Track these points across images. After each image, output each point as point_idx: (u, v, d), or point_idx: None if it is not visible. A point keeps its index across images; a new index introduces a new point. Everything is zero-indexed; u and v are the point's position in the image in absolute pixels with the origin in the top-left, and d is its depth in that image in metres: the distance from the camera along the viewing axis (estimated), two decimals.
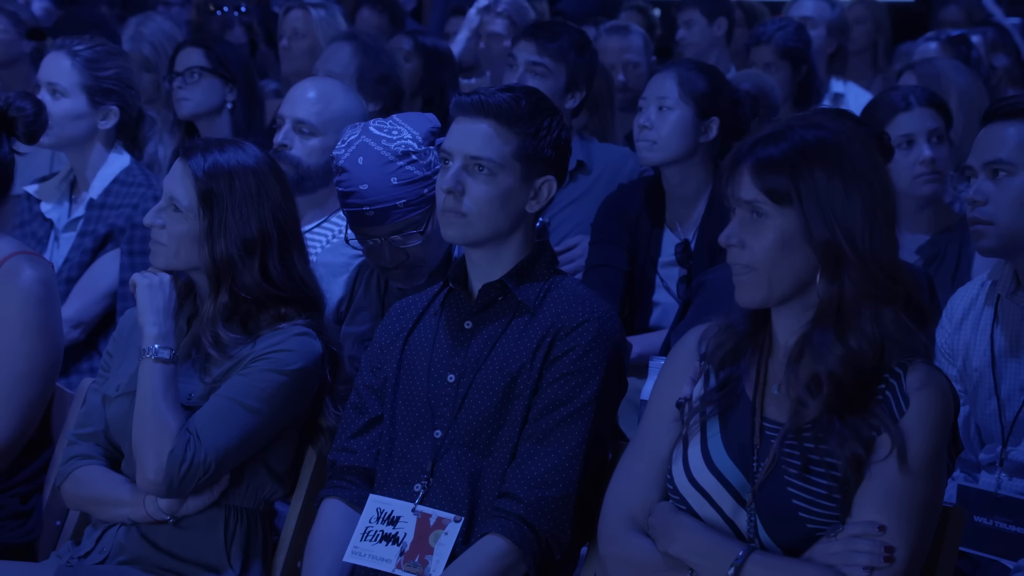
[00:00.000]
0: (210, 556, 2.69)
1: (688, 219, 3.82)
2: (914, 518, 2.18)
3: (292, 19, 5.37)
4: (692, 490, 2.28)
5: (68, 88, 3.75)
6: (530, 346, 2.58)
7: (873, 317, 2.20)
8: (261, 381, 2.65)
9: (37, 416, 2.91)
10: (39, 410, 2.91)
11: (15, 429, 2.85)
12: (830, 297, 2.21)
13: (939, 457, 2.21)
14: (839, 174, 2.20)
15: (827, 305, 2.21)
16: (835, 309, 2.21)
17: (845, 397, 2.20)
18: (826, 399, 2.20)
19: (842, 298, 2.20)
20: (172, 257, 2.73)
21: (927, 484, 2.19)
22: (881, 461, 2.18)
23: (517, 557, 2.51)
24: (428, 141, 3.03)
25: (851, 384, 2.20)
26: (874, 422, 2.19)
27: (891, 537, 2.16)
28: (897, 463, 2.17)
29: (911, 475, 2.17)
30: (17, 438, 2.86)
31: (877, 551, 2.15)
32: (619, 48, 5.19)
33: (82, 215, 3.78)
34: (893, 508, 2.17)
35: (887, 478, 2.17)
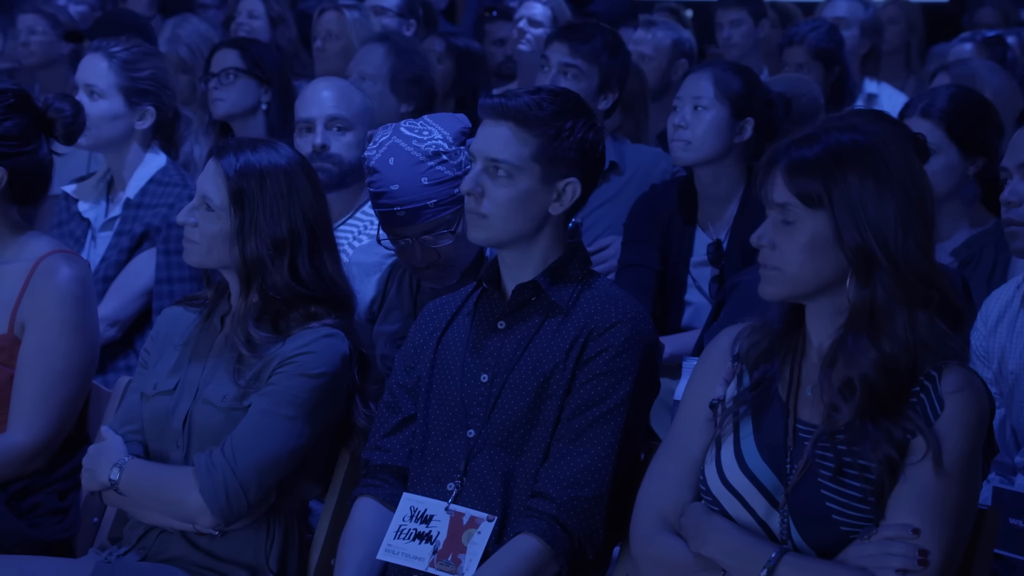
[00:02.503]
0: (249, 557, 2.70)
1: (720, 219, 3.82)
2: (948, 521, 2.17)
3: (326, 20, 5.39)
4: (725, 491, 2.28)
5: (105, 89, 3.78)
6: (563, 346, 2.59)
7: (907, 322, 2.19)
8: (291, 387, 2.66)
9: (74, 414, 2.93)
10: (76, 408, 2.94)
11: (53, 426, 2.88)
12: (862, 301, 2.20)
13: (974, 460, 2.20)
14: (873, 177, 2.20)
15: (859, 309, 2.20)
16: (868, 313, 2.20)
17: (878, 401, 2.20)
18: (859, 404, 2.19)
19: (874, 302, 2.19)
20: (204, 255, 2.75)
21: (961, 487, 2.18)
22: (915, 464, 2.17)
23: (549, 556, 2.52)
24: (459, 141, 3.04)
25: (884, 388, 2.20)
26: (908, 425, 2.18)
27: (925, 540, 2.16)
28: (932, 466, 2.16)
29: (945, 478, 2.17)
30: (55, 435, 2.89)
31: (911, 554, 2.15)
32: (636, 39, 5.21)
33: (119, 215, 3.81)
34: (927, 511, 2.16)
35: (921, 481, 2.17)
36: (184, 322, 2.83)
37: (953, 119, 3.46)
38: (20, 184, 2.91)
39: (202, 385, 2.74)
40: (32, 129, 2.91)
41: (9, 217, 2.94)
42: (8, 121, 2.88)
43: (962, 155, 3.48)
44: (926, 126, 3.37)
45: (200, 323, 2.81)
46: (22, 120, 2.90)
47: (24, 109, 2.91)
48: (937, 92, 3.58)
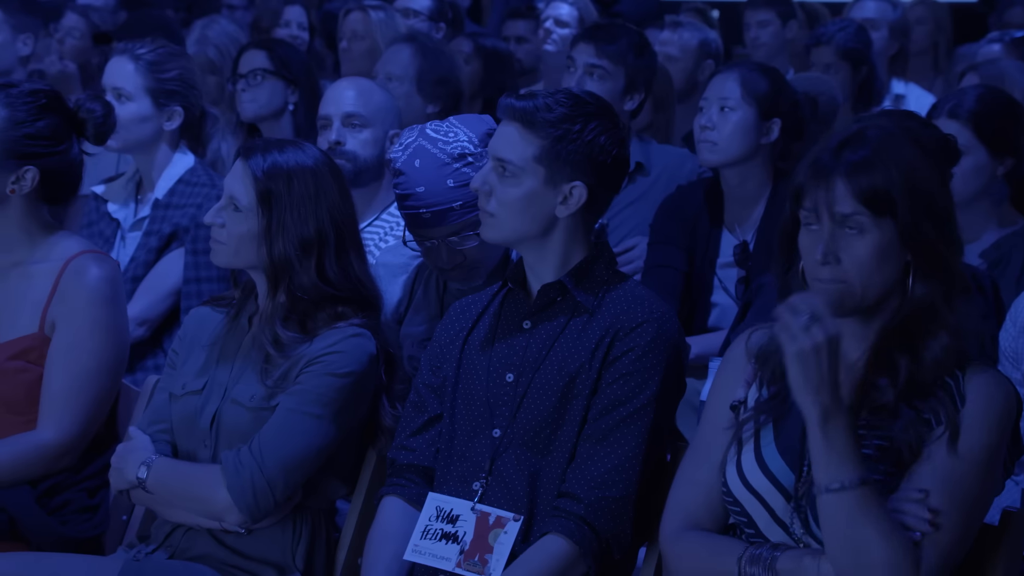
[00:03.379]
0: (276, 556, 2.71)
1: (747, 220, 3.81)
2: (961, 505, 2.16)
3: (352, 21, 5.41)
4: (745, 492, 2.28)
5: (133, 92, 3.80)
6: (589, 346, 2.59)
7: (957, 308, 2.20)
8: (318, 387, 2.67)
9: (103, 412, 2.95)
10: (105, 406, 2.95)
11: (82, 424, 2.89)
12: (923, 297, 2.19)
13: (995, 454, 2.20)
14: (926, 170, 2.19)
15: (921, 306, 2.19)
16: (929, 309, 2.20)
17: (919, 387, 2.20)
18: (902, 386, 2.20)
19: (935, 297, 2.19)
20: (232, 256, 2.77)
21: (979, 476, 2.18)
22: (935, 441, 2.17)
23: (577, 557, 2.52)
24: (484, 143, 3.04)
25: (930, 375, 2.20)
26: (934, 404, 2.19)
27: (941, 519, 2.15)
28: (947, 445, 2.16)
29: (963, 462, 2.17)
30: (83, 433, 2.91)
31: (921, 515, 2.14)
32: (663, 40, 5.21)
33: (147, 215, 3.82)
34: (941, 487, 2.16)
35: (939, 460, 2.17)
36: (212, 322, 2.85)
37: (981, 119, 3.44)
38: (51, 184, 2.93)
39: (230, 385, 2.75)
40: (63, 129, 2.93)
41: (40, 217, 2.96)
42: (40, 121, 2.90)
43: (991, 156, 3.46)
44: (954, 127, 3.36)
45: (228, 323, 2.82)
46: (53, 120, 2.92)
47: (55, 109, 2.93)
48: (965, 92, 3.56)
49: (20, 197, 2.90)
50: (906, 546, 2.13)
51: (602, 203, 2.67)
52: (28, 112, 2.88)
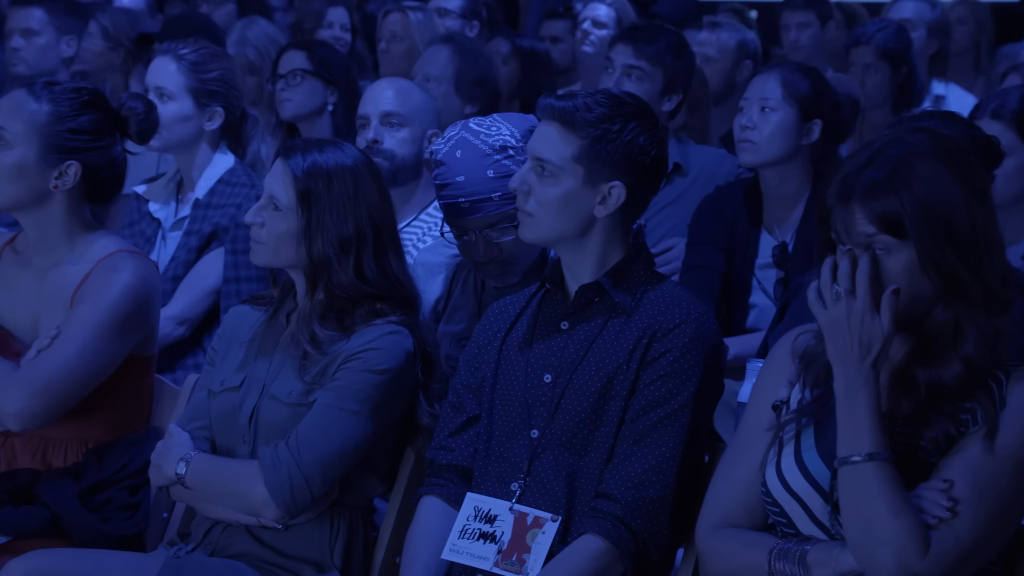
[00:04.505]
0: (315, 553, 2.73)
1: (786, 221, 3.80)
2: (988, 500, 2.15)
3: (391, 22, 5.43)
4: (785, 494, 2.28)
5: (174, 91, 3.83)
6: (627, 347, 2.59)
7: (988, 327, 2.18)
8: (356, 383, 2.69)
9: (67, 404, 2.83)
10: (71, 401, 2.84)
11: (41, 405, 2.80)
12: (945, 322, 2.18)
13: None
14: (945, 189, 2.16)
15: (943, 330, 2.19)
16: (951, 330, 2.18)
17: (949, 396, 2.20)
18: (922, 400, 2.19)
19: (959, 320, 2.18)
20: (271, 255, 2.78)
21: (1012, 476, 2.16)
22: (969, 436, 2.16)
23: (614, 557, 2.52)
24: (526, 139, 3.04)
25: (959, 388, 2.19)
26: (972, 406, 2.18)
27: (961, 508, 2.13)
28: (983, 442, 2.15)
29: (997, 459, 2.15)
30: (41, 412, 2.79)
31: (941, 501, 2.13)
32: (701, 41, 5.19)
33: (188, 215, 3.84)
34: (967, 479, 2.14)
35: (970, 455, 2.16)
36: (250, 320, 2.86)
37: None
38: (93, 181, 2.95)
39: (268, 381, 2.77)
40: (106, 126, 2.95)
41: (81, 216, 2.98)
42: (83, 116, 2.92)
43: None
44: (997, 128, 3.33)
45: (266, 321, 2.84)
46: (96, 116, 2.94)
47: (98, 106, 2.95)
48: (1008, 93, 3.54)
49: (63, 193, 2.92)
50: (915, 527, 2.11)
51: (641, 203, 2.67)
52: (71, 107, 2.91)
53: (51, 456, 2.91)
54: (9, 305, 2.96)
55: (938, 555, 2.12)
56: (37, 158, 2.89)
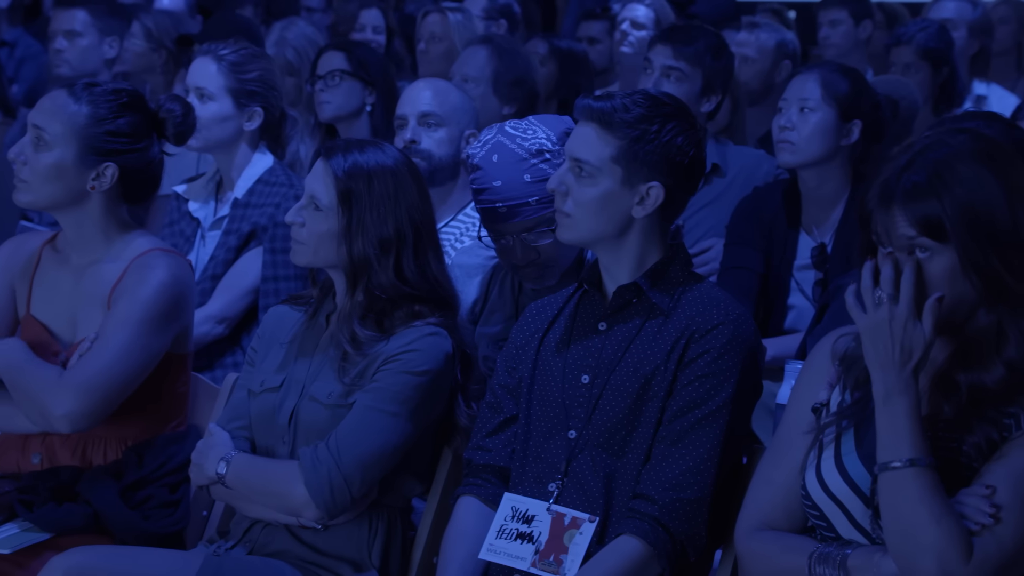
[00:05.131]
0: (353, 552, 2.74)
1: (825, 222, 3.78)
2: None
3: (430, 23, 5.44)
4: (824, 497, 2.27)
5: (214, 92, 3.85)
6: (664, 348, 2.58)
7: None
8: (395, 384, 2.70)
9: (113, 403, 2.86)
10: (117, 399, 2.87)
11: (89, 406, 2.82)
12: (988, 326, 2.17)
13: None
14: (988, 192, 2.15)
15: (986, 334, 2.17)
16: (994, 333, 2.17)
17: (991, 400, 2.18)
18: (963, 405, 2.18)
19: (1001, 323, 2.16)
20: (311, 255, 2.80)
21: None
22: (1012, 440, 2.15)
23: (651, 558, 2.52)
24: (562, 141, 3.05)
25: (1002, 392, 2.18)
26: (1013, 410, 2.16)
27: (1004, 514, 2.11)
28: None
29: None
30: (89, 413, 2.82)
31: (982, 507, 2.12)
32: (740, 41, 5.18)
33: (227, 214, 3.87)
34: (1011, 485, 2.13)
35: (1014, 458, 2.14)
36: (290, 320, 2.88)
37: None
38: (130, 182, 2.97)
39: (308, 382, 2.78)
40: (144, 128, 2.97)
41: (118, 216, 3.00)
42: (121, 119, 2.94)
43: None
44: None
45: (306, 321, 2.85)
46: (134, 118, 2.96)
47: (136, 108, 2.97)
48: None
49: (100, 194, 2.94)
50: (957, 533, 2.10)
51: (679, 204, 2.66)
52: (110, 110, 2.93)
53: (91, 453, 2.94)
54: (47, 303, 2.99)
55: (980, 561, 2.10)
56: (75, 159, 2.91)
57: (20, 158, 2.92)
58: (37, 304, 3.00)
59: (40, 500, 2.85)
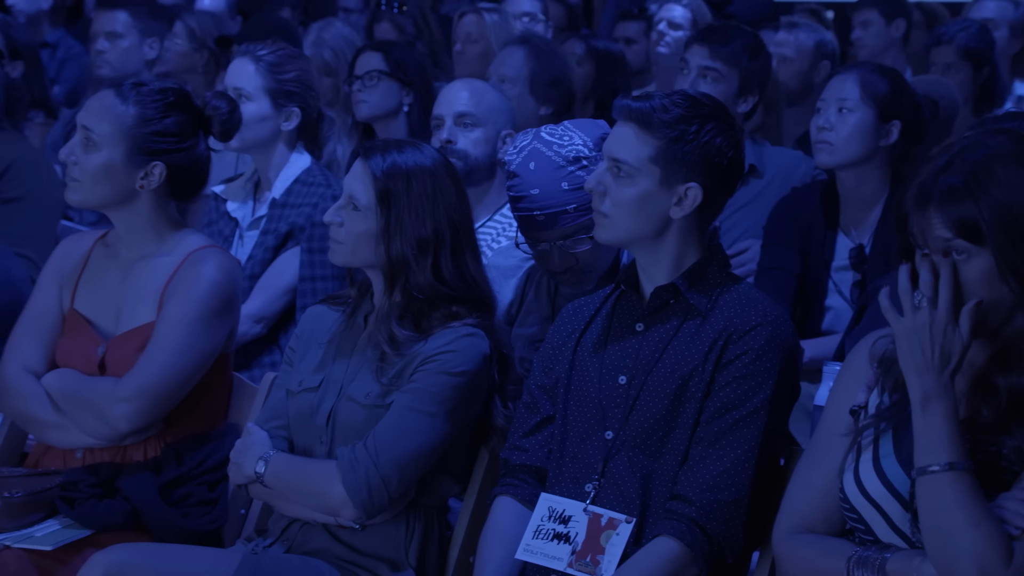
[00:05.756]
0: (390, 552, 2.75)
1: (863, 223, 3.77)
2: None
3: (466, 24, 5.45)
4: (863, 500, 2.26)
5: (252, 92, 3.88)
6: (702, 349, 2.58)
7: None
8: (433, 385, 2.70)
9: (172, 401, 2.91)
10: (174, 397, 2.91)
11: (148, 406, 2.87)
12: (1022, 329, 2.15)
13: None
14: None
15: (1020, 335, 2.16)
16: None
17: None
18: (1003, 409, 2.16)
19: None
20: (349, 255, 2.81)
21: None
22: None
23: (689, 559, 2.52)
24: (599, 147, 3.04)
25: None
26: None
27: None
28: None
29: None
30: (147, 412, 2.87)
31: (1022, 512, 2.10)
32: (778, 41, 5.16)
33: (265, 214, 3.89)
34: None
35: None
36: (328, 320, 2.89)
37: None
38: (179, 180, 3.00)
39: (346, 382, 2.79)
40: (190, 126, 3.00)
41: (168, 212, 3.03)
42: (168, 118, 2.97)
43: None
44: None
45: (344, 321, 2.86)
46: (181, 117, 2.98)
47: (183, 107, 3.00)
48: None
49: (149, 192, 2.97)
50: (996, 537, 2.09)
51: (717, 205, 2.66)
52: (157, 110, 2.95)
53: (131, 450, 2.96)
54: (93, 297, 3.02)
55: (1021, 565, 2.09)
56: (124, 160, 2.94)
57: (71, 159, 2.96)
58: (81, 299, 3.03)
59: (81, 497, 2.87)
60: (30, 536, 2.82)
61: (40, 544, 2.80)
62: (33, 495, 2.86)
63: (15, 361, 2.99)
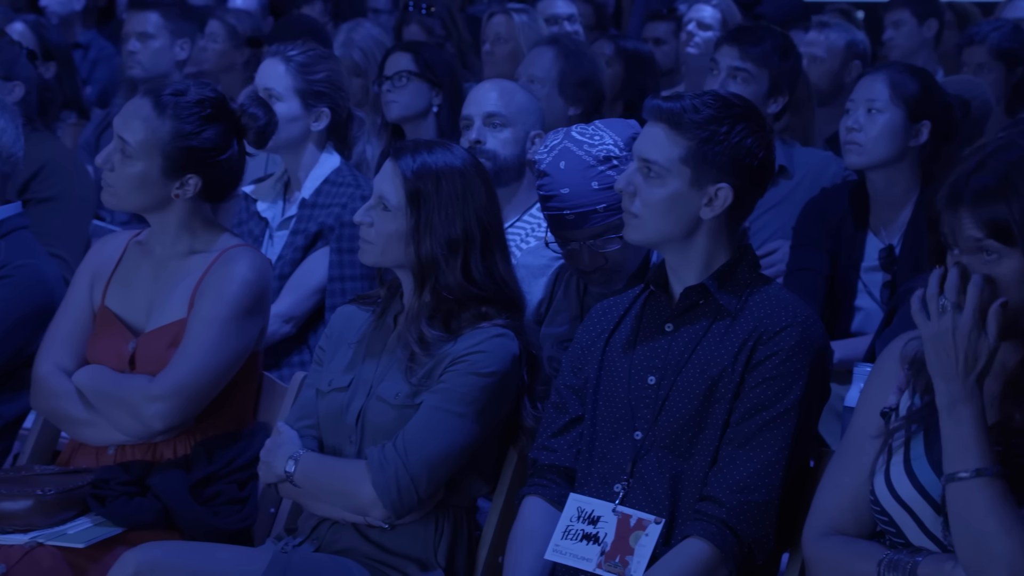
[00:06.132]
0: (419, 551, 2.75)
1: (893, 224, 3.75)
2: None
3: (495, 24, 5.46)
4: (894, 503, 2.25)
5: (282, 92, 3.89)
6: (731, 350, 2.57)
7: None
8: (462, 385, 2.71)
9: (205, 399, 2.92)
10: (207, 396, 2.92)
11: (182, 404, 2.88)
12: None
13: None
14: None
15: None
16: None
17: None
18: None
19: None
20: (379, 255, 2.81)
21: None
22: None
23: (718, 560, 2.51)
24: (629, 147, 3.03)
25: None
26: None
27: None
28: None
29: None
30: (180, 411, 2.88)
31: None
32: (809, 40, 5.14)
33: (295, 214, 3.91)
34: None
35: None
36: (358, 320, 2.90)
37: None
38: (213, 187, 3.02)
39: (375, 382, 2.80)
40: (226, 137, 3.01)
41: (202, 213, 3.05)
42: (205, 132, 2.97)
43: None
44: None
45: (374, 321, 2.87)
46: (218, 129, 2.99)
47: (220, 117, 3.00)
48: None
49: (183, 200, 2.99)
50: None
51: (747, 206, 2.65)
52: (194, 124, 2.96)
53: (161, 448, 2.98)
54: (125, 294, 3.04)
55: None
56: (159, 172, 2.96)
57: (107, 166, 2.98)
58: (113, 297, 3.05)
59: (112, 495, 2.89)
60: (63, 534, 2.84)
61: (73, 542, 2.82)
62: (65, 493, 2.88)
63: (48, 360, 3.02)
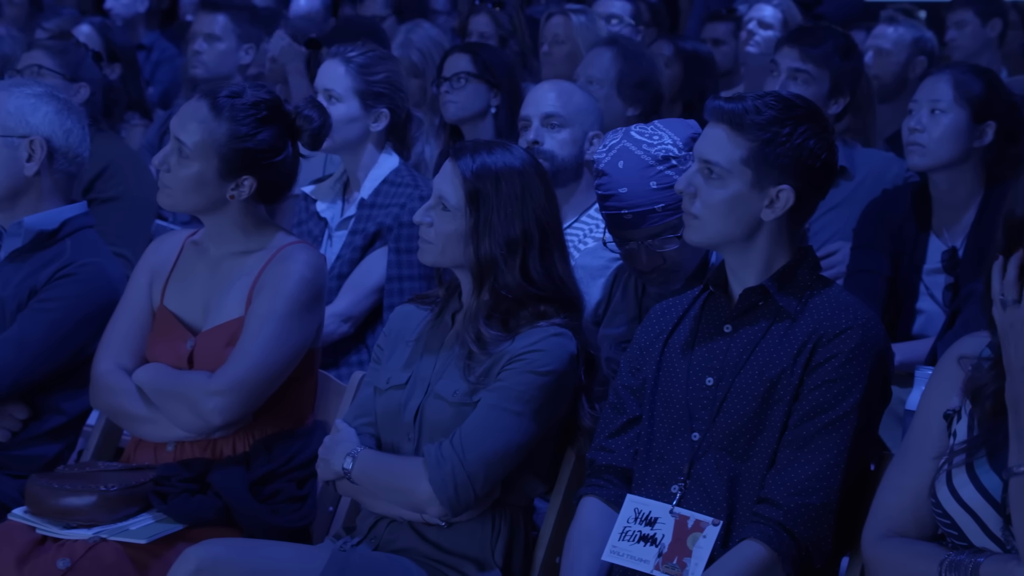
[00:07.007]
0: (476, 551, 2.76)
1: (956, 225, 3.71)
2: None
3: (553, 25, 5.46)
4: (958, 508, 2.23)
5: (342, 93, 3.91)
6: (791, 351, 2.56)
7: None
8: (519, 384, 2.71)
9: (263, 394, 2.94)
10: (266, 391, 2.94)
11: (241, 401, 2.90)
12: None
13: None
14: None
15: None
16: None
17: None
18: None
19: None
20: (438, 255, 2.82)
21: None
22: None
23: (776, 563, 2.50)
24: (688, 147, 3.03)
25: None
26: None
27: None
28: None
29: None
30: (240, 406, 2.90)
31: None
32: (877, 33, 5.10)
33: (353, 214, 3.93)
34: None
35: None
36: (416, 319, 2.91)
37: None
38: (267, 188, 3.05)
39: (433, 380, 2.81)
40: (281, 139, 3.03)
41: (256, 214, 3.07)
42: (260, 134, 2.99)
43: None
44: None
45: (432, 320, 2.88)
46: (273, 131, 3.00)
47: (275, 120, 3.02)
48: None
49: (238, 201, 3.02)
50: None
51: (809, 207, 2.64)
52: (250, 126, 2.98)
53: (221, 445, 3.00)
54: (182, 294, 3.07)
55: None
56: (215, 174, 2.98)
57: (163, 167, 3.01)
58: (171, 296, 3.08)
59: (173, 492, 2.92)
60: (125, 529, 2.87)
61: (135, 537, 2.85)
62: (128, 489, 2.91)
63: (108, 358, 3.05)
